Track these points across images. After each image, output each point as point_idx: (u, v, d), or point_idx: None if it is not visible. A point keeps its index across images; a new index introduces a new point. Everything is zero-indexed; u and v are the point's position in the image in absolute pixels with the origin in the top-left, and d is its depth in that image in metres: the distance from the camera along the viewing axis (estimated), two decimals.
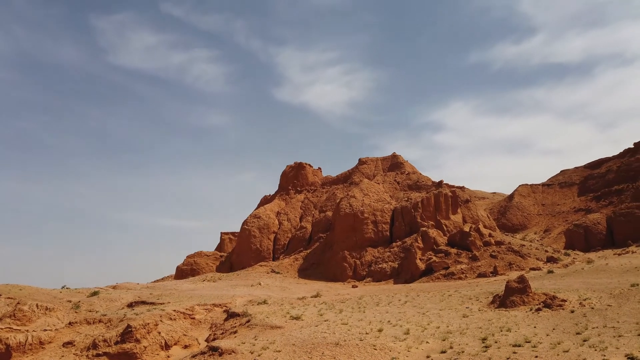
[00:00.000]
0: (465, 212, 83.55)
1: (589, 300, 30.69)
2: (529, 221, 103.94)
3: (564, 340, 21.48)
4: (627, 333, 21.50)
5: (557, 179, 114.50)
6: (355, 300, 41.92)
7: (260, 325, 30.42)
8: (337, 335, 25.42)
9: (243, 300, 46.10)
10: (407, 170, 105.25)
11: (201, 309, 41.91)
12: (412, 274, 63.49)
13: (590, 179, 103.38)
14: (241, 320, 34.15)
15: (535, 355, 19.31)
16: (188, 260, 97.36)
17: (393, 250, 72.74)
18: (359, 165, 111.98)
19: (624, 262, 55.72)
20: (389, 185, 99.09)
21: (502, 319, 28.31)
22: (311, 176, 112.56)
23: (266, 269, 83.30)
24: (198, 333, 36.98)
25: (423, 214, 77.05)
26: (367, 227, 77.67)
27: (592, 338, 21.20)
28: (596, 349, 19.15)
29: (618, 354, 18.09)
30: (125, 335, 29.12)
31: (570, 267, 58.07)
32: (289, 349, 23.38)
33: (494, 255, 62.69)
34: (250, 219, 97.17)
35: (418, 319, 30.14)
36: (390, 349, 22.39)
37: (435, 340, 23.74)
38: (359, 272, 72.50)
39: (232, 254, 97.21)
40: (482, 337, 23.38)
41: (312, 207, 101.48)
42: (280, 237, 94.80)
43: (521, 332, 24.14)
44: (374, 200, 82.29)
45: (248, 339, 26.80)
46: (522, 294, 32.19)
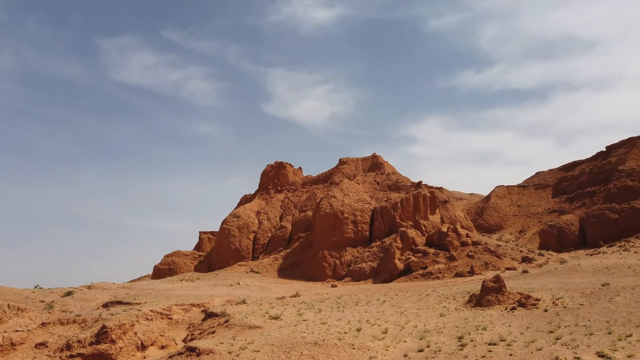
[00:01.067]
0: (444, 213, 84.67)
1: (561, 300, 31.47)
2: (505, 222, 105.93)
3: (537, 338, 21.97)
4: (598, 331, 22.13)
5: (532, 180, 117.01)
6: (334, 300, 42.06)
7: (239, 325, 30.24)
8: (316, 335, 25.46)
9: (222, 300, 45.75)
10: (387, 171, 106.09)
11: (179, 309, 41.42)
12: (390, 274, 64.01)
13: (564, 181, 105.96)
14: (219, 320, 33.90)
15: (509, 353, 19.70)
16: (166, 259, 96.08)
17: (372, 250, 73.20)
18: (339, 165, 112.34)
19: (595, 262, 57.30)
20: (369, 186, 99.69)
21: (478, 318, 28.80)
22: (292, 176, 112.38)
23: (245, 269, 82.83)
24: (175, 333, 36.56)
25: (402, 214, 77.77)
26: (347, 227, 77.98)
27: (564, 336, 21.75)
28: (568, 347, 19.65)
29: (589, 352, 18.60)
30: (101, 336, 28.58)
31: (544, 267, 59.41)
32: (268, 349, 23.32)
33: (470, 255, 63.67)
34: (230, 218, 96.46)
35: (396, 318, 30.42)
36: (368, 348, 22.54)
37: (412, 339, 24.01)
38: (339, 272, 72.75)
39: (211, 253, 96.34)
40: (458, 335, 23.75)
41: (292, 207, 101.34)
42: (260, 237, 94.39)
43: (496, 330, 24.60)
44: (354, 200, 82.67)
45: (226, 339, 26.62)
46: (498, 293, 32.81)
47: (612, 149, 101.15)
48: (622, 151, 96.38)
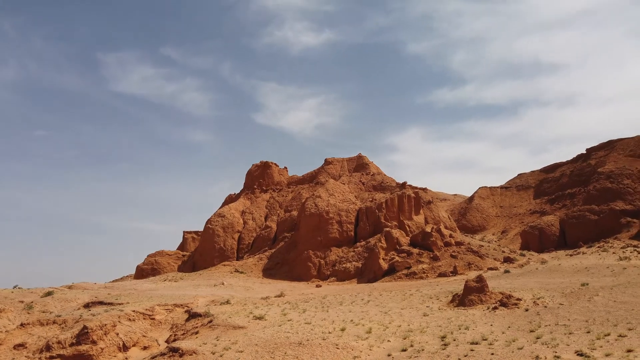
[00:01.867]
0: (428, 213, 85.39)
1: (542, 299, 32.02)
2: (487, 222, 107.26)
3: (518, 337, 22.32)
4: (577, 330, 22.57)
5: (515, 182, 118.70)
6: (319, 300, 42.11)
7: (223, 325, 30.08)
8: (300, 335, 25.47)
9: (205, 301, 45.44)
10: (372, 171, 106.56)
11: (162, 309, 41.00)
12: (375, 274, 64.33)
13: (545, 183, 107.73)
14: (203, 321, 33.67)
15: (491, 352, 19.98)
16: (149, 259, 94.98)
17: (357, 250, 73.46)
18: (325, 165, 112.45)
19: (575, 262, 58.44)
20: (354, 186, 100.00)
21: (461, 317, 29.13)
22: (277, 175, 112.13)
23: (230, 269, 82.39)
24: (158, 334, 36.19)
25: (387, 214, 78.21)
26: (332, 227, 78.10)
27: (544, 335, 22.13)
28: (548, 346, 19.99)
29: (568, 351, 18.96)
30: (81, 336, 28.14)
31: (526, 267, 60.37)
32: (252, 349, 23.25)
33: (454, 255, 64.35)
34: (215, 218, 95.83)
35: (380, 318, 30.60)
36: (352, 348, 22.63)
37: (396, 339, 24.18)
38: (323, 272, 72.84)
39: (195, 253, 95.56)
40: (441, 335, 23.99)
41: (277, 207, 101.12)
42: (244, 237, 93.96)
43: (478, 330, 24.92)
44: (339, 201, 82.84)
45: (210, 339, 26.46)
46: (480, 293, 33.23)
47: (592, 152, 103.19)
48: (601, 154, 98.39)
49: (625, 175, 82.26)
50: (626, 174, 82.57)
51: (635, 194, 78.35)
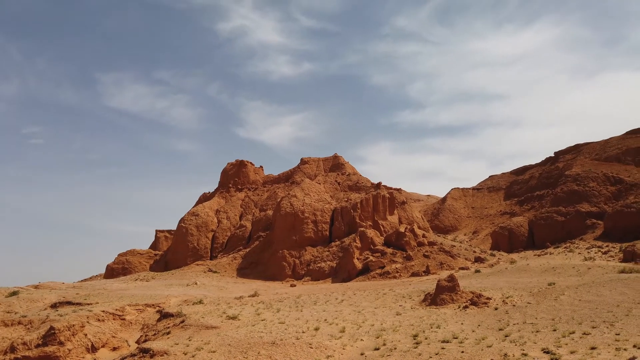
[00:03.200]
0: (402, 214, 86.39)
1: (511, 298, 32.84)
2: (459, 223, 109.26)
3: (488, 335, 22.85)
4: (544, 329, 23.25)
5: (486, 183, 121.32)
6: (293, 299, 42.09)
7: (195, 325, 29.74)
8: (274, 335, 25.42)
9: (178, 300, 44.81)
10: (348, 172, 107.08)
11: (132, 309, 40.23)
12: (349, 273, 64.71)
13: (515, 185, 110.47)
14: (175, 321, 33.20)
15: (461, 350, 20.38)
16: (119, 258, 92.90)
17: (332, 250, 73.72)
18: (300, 165, 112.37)
19: (542, 262, 60.12)
20: (329, 186, 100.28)
21: (433, 316, 29.62)
22: (252, 174, 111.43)
23: (203, 268, 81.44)
24: (128, 334, 35.49)
25: (362, 214, 78.76)
26: (307, 226, 78.15)
27: (513, 334, 22.71)
28: (516, 344, 20.53)
29: (535, 348, 19.52)
30: (48, 337, 27.35)
31: (495, 266, 61.78)
32: (225, 349, 23.07)
33: (426, 255, 65.32)
34: (188, 217, 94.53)
35: (354, 317, 30.81)
36: (325, 347, 22.72)
37: (369, 338, 24.40)
38: (298, 272, 72.82)
39: (167, 252, 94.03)
40: (413, 333, 24.34)
41: (252, 206, 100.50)
42: (218, 236, 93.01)
43: (450, 328, 25.38)
44: (314, 200, 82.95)
45: (182, 339, 26.12)
46: (452, 292, 33.85)
47: (560, 155, 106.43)
48: (569, 157, 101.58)
49: (590, 178, 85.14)
50: (592, 177, 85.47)
51: (600, 197, 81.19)
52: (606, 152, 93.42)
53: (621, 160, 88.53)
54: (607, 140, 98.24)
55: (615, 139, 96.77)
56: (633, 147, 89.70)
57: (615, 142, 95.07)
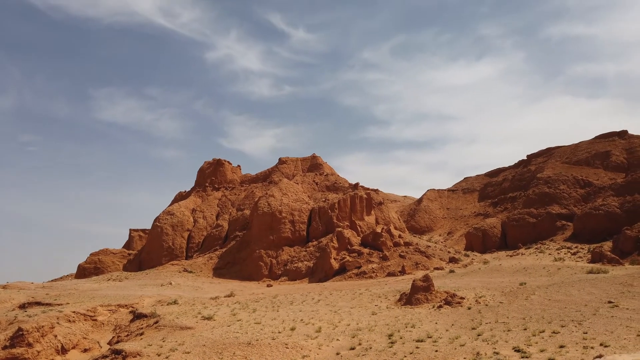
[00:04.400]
0: (378, 214, 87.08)
1: (484, 298, 33.52)
2: (435, 224, 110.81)
3: (461, 335, 23.27)
4: (515, 328, 23.81)
5: (461, 185, 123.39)
6: (269, 300, 41.97)
7: (170, 326, 29.35)
8: (250, 335, 25.31)
9: (152, 301, 44.11)
10: (326, 172, 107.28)
11: (104, 310, 39.41)
12: (326, 273, 64.87)
13: (489, 187, 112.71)
14: (149, 322, 32.69)
15: (435, 349, 20.71)
16: (92, 258, 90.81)
17: (309, 250, 73.76)
18: (278, 164, 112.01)
19: (514, 263, 61.54)
20: (307, 186, 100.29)
21: (408, 315, 29.98)
22: (230, 174, 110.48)
23: (178, 268, 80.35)
24: (100, 336, 34.76)
25: (339, 214, 79.04)
26: (284, 226, 77.98)
27: (485, 333, 23.20)
28: (488, 343, 20.98)
29: (507, 347, 19.98)
30: (16, 339, 26.56)
31: (469, 267, 62.92)
32: (199, 350, 22.85)
33: (402, 255, 66.03)
34: (163, 216, 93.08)
35: (330, 317, 30.93)
36: (301, 347, 22.75)
37: (345, 338, 24.54)
38: (275, 272, 72.59)
39: (141, 252, 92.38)
40: (389, 333, 24.59)
41: (229, 205, 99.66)
42: (194, 235, 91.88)
43: (424, 328, 25.75)
44: (292, 200, 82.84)
45: (155, 340, 25.74)
46: (426, 292, 34.34)
47: (532, 158, 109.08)
48: (540, 160, 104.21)
49: (561, 181, 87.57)
50: (562, 179, 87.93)
51: (570, 199, 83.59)
52: (576, 155, 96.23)
53: (590, 164, 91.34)
54: (577, 144, 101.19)
55: (584, 143, 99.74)
56: (601, 151, 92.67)
57: (585, 146, 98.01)
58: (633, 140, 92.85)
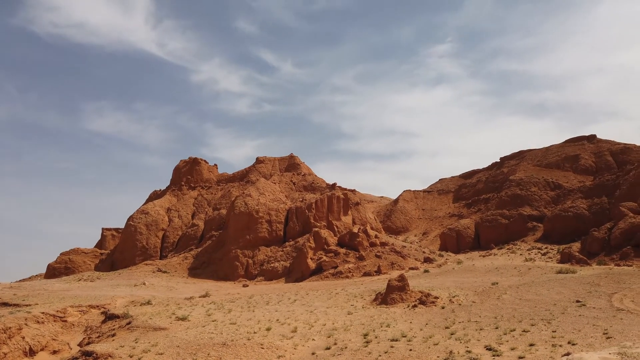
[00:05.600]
0: (355, 214, 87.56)
1: (457, 298, 34.11)
2: (410, 224, 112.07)
3: (435, 334, 23.63)
4: (487, 326, 24.33)
5: (436, 186, 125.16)
6: (245, 300, 41.72)
7: (143, 327, 28.85)
8: (225, 336, 25.12)
9: (124, 301, 43.29)
10: (304, 172, 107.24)
11: (75, 310, 38.47)
12: (303, 273, 64.87)
13: (463, 188, 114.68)
14: (121, 322, 32.06)
15: (409, 348, 20.98)
16: (62, 257, 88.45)
17: (286, 250, 73.60)
18: (256, 164, 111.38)
19: (487, 263, 62.80)
20: (285, 186, 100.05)
21: (383, 315, 30.26)
22: (206, 173, 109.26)
23: (152, 268, 79.04)
24: (70, 337, 33.92)
25: (316, 214, 79.15)
26: (261, 226, 77.60)
27: (458, 332, 23.62)
28: (461, 342, 21.37)
29: (479, 345, 20.39)
30: None
31: (443, 267, 63.90)
32: (173, 351, 22.54)
33: (378, 255, 66.57)
34: (137, 215, 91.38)
35: (306, 317, 30.95)
36: (277, 347, 22.71)
37: (321, 337, 24.61)
38: (251, 271, 72.16)
39: (114, 251, 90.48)
40: (364, 332, 24.78)
41: (205, 205, 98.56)
42: (169, 235, 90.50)
43: (399, 327, 26.04)
44: (269, 200, 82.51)
45: (128, 341, 25.28)
46: (401, 291, 34.73)
47: (505, 161, 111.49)
48: (513, 163, 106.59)
49: (532, 183, 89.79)
50: (533, 182, 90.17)
51: (541, 201, 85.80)
52: (547, 159, 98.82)
53: (560, 167, 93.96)
54: (548, 148, 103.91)
55: (555, 147, 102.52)
56: (571, 154, 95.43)
57: (556, 150, 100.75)
58: (601, 144, 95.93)
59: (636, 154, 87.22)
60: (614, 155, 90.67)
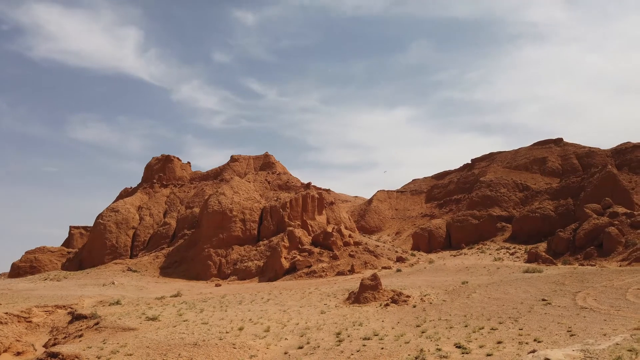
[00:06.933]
0: (330, 214, 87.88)
1: (428, 296, 34.69)
2: (384, 224, 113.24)
3: (406, 332, 23.98)
4: (456, 325, 24.83)
5: (409, 186, 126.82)
6: (217, 299, 41.34)
7: (111, 327, 28.24)
8: (196, 336, 24.85)
9: (92, 301, 42.26)
10: (279, 171, 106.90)
11: (40, 311, 37.34)
12: (276, 273, 64.69)
13: (435, 188, 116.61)
14: (88, 323, 31.29)
15: (381, 347, 21.22)
16: (27, 256, 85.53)
17: (260, 249, 73.25)
18: (230, 162, 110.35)
19: (457, 262, 64.07)
20: (259, 184, 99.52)
21: (356, 314, 30.51)
22: (179, 170, 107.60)
23: (122, 267, 77.37)
24: (35, 338, 32.90)
25: (291, 213, 79.04)
26: (235, 225, 76.97)
27: (428, 330, 24.03)
28: (431, 340, 21.75)
29: (449, 343, 20.79)
30: None
31: (415, 266, 64.85)
32: (142, 352, 22.16)
33: (352, 254, 67.02)
34: (107, 213, 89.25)
35: (279, 316, 30.92)
36: (249, 347, 22.61)
37: (293, 337, 24.63)
38: (224, 271, 71.51)
39: (82, 250, 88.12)
40: (336, 331, 24.92)
41: (178, 203, 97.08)
42: (140, 233, 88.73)
43: (371, 326, 26.31)
44: (243, 199, 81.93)
45: (95, 342, 24.70)
46: (374, 290, 35.08)
47: (476, 162, 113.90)
48: (483, 164, 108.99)
49: (502, 185, 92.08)
50: (503, 183, 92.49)
51: (510, 202, 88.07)
52: (516, 160, 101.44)
53: (529, 169, 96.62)
54: (517, 150, 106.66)
55: (524, 149, 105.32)
56: (539, 157, 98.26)
57: (524, 152, 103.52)
58: (567, 147, 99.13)
59: (600, 158, 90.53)
60: (580, 158, 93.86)
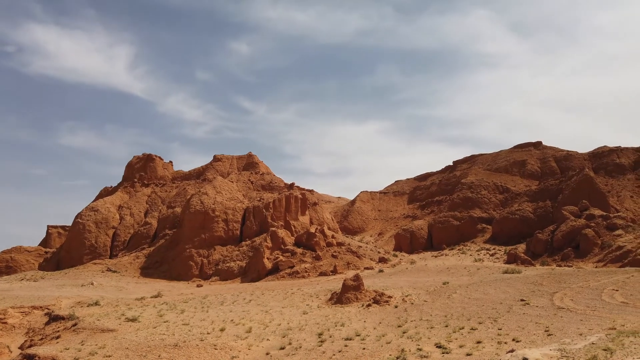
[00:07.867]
0: (313, 214, 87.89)
1: (410, 297, 34.98)
2: (366, 225, 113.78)
3: (387, 332, 24.14)
4: (437, 325, 25.10)
5: (392, 188, 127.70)
6: (199, 300, 40.98)
7: (89, 328, 27.76)
8: (177, 337, 24.60)
9: (70, 302, 41.46)
10: (262, 171, 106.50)
11: (16, 312, 36.47)
12: (259, 273, 64.42)
13: (417, 190, 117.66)
14: (66, 324, 30.68)
15: (363, 347, 21.34)
16: (3, 256, 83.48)
17: (242, 249, 72.84)
18: (213, 162, 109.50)
19: (439, 263, 64.75)
20: (242, 185, 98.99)
21: (338, 314, 30.59)
22: (161, 170, 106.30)
23: (101, 268, 76.07)
24: (10, 340, 32.12)
25: (274, 214, 78.81)
26: (217, 225, 76.39)
27: (410, 330, 24.24)
28: (413, 340, 21.95)
29: (429, 343, 21.02)
30: None
31: (397, 267, 65.31)
32: (121, 353, 21.84)
33: (335, 255, 67.15)
34: (86, 212, 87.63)
35: (261, 317, 30.81)
36: (230, 348, 22.48)
37: (275, 337, 24.58)
38: (206, 271, 70.90)
39: (60, 250, 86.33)
40: (318, 332, 24.96)
41: (159, 203, 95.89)
42: (120, 233, 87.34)
43: (353, 326, 26.42)
44: (226, 199, 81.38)
45: (73, 344, 24.25)
46: (356, 291, 35.23)
47: (457, 164, 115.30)
48: (465, 166, 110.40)
49: (482, 187, 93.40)
50: (483, 185, 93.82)
51: (490, 204, 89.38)
52: (497, 163, 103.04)
53: (509, 172, 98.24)
54: (498, 153, 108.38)
55: (504, 152, 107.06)
56: (519, 160, 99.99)
57: (504, 155, 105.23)
58: (546, 151, 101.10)
59: (578, 161, 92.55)
60: (558, 161, 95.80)
